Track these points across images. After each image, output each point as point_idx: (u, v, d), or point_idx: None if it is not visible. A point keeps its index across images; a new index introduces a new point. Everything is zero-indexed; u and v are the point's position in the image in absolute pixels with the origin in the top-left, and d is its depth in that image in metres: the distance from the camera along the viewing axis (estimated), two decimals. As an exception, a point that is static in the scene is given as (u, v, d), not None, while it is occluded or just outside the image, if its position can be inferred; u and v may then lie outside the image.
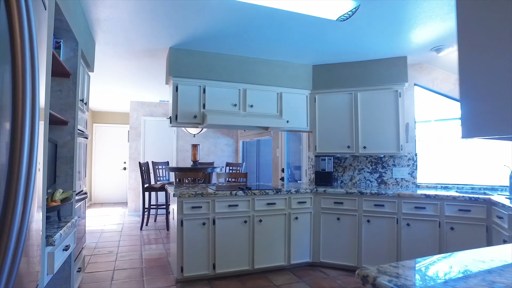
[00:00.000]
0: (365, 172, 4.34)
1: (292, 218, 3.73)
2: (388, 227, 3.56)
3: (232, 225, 3.47)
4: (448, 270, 1.12)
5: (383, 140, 3.94)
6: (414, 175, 4.13)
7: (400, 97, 3.88)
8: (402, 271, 1.11)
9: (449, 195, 3.35)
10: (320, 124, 4.23)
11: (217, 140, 7.92)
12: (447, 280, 1.03)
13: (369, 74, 4.02)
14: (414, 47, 3.59)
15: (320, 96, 4.25)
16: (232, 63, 3.93)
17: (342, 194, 3.74)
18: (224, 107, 3.87)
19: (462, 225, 3.30)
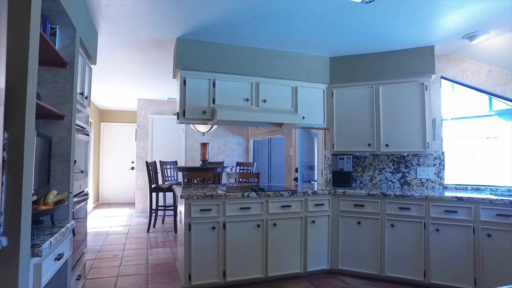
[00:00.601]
0: (387, 172, 4.02)
1: (308, 221, 3.44)
2: (415, 232, 3.24)
3: (244, 229, 3.20)
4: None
5: (407, 138, 3.62)
6: (441, 176, 3.80)
7: (426, 91, 3.55)
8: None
9: (485, 198, 3.02)
10: (338, 120, 3.93)
11: (227, 138, 7.66)
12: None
13: (392, 66, 3.70)
14: (444, 35, 3.26)
15: (338, 90, 3.95)
16: (244, 54, 3.66)
17: (363, 196, 3.44)
18: (235, 102, 3.61)
19: (502, 232, 2.97)
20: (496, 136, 9.04)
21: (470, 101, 10.14)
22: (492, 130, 12.28)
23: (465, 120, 9.74)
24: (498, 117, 12.73)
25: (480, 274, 3.01)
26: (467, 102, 4.25)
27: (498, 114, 12.89)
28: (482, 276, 3.01)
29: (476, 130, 10.63)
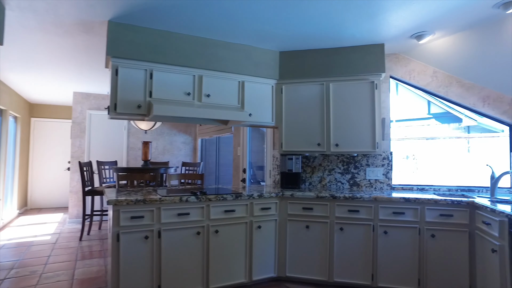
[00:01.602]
0: (336, 173, 3.91)
1: (254, 227, 3.19)
2: (364, 235, 3.13)
3: (182, 237, 2.86)
4: None
5: (357, 137, 3.51)
6: (389, 176, 3.76)
7: (377, 89, 3.48)
8: None
9: (430, 199, 2.98)
10: (287, 118, 3.73)
11: (173, 137, 7.21)
12: None
13: (343, 62, 3.58)
14: (394, 33, 3.19)
15: (287, 86, 3.75)
16: (186, 44, 3.32)
17: (312, 198, 3.26)
18: (175, 96, 3.25)
19: (444, 232, 2.95)
20: (434, 138, 9.55)
21: (412, 104, 10.62)
22: (430, 132, 13.08)
23: (407, 122, 10.17)
24: (435, 120, 13.57)
25: (424, 275, 2.97)
26: (409, 105, 4.29)
27: (436, 117, 13.78)
28: (426, 276, 2.97)
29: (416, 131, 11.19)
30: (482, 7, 2.74)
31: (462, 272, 2.89)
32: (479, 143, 8.20)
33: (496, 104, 3.49)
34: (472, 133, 12.03)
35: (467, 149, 8.18)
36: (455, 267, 2.90)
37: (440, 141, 8.66)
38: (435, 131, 12.91)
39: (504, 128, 3.67)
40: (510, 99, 3.46)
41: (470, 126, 11.69)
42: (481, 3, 2.65)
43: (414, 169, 7.00)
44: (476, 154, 7.65)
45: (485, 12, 2.82)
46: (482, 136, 8.58)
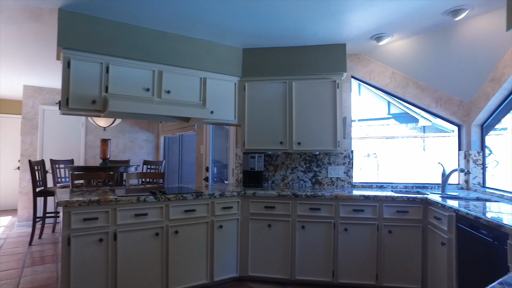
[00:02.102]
0: (299, 171, 3.94)
1: (215, 226, 3.13)
2: (325, 233, 3.17)
3: (139, 239, 2.74)
4: None
5: (319, 136, 3.55)
6: (350, 174, 3.84)
7: (338, 89, 3.53)
8: None
9: (388, 196, 3.08)
10: (250, 116, 3.70)
11: (134, 134, 6.95)
12: None
13: (306, 61, 3.60)
14: (355, 33, 3.25)
15: (250, 84, 3.71)
16: (145, 38, 3.18)
17: (274, 197, 3.26)
18: (133, 92, 3.11)
19: (400, 228, 3.05)
20: (394, 137, 9.95)
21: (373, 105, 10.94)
22: (390, 131, 13.57)
23: (368, 122, 10.49)
24: (394, 120, 14.12)
25: (381, 269, 3.06)
26: (370, 106, 4.41)
27: (395, 117, 14.32)
28: (383, 271, 3.06)
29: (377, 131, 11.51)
30: (433, 13, 2.86)
31: (415, 264, 3.01)
32: (433, 142, 8.65)
33: (447, 105, 3.67)
34: (427, 132, 12.68)
35: (422, 148, 8.60)
36: (409, 261, 3.02)
37: (398, 140, 9.04)
38: (394, 130, 13.46)
39: (454, 128, 3.88)
40: (458, 101, 3.65)
41: (425, 126, 12.31)
42: (433, 9, 2.77)
43: (375, 167, 7.24)
44: (430, 152, 8.06)
45: (437, 18, 2.94)
46: (436, 135, 9.07)
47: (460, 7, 2.72)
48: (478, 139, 3.60)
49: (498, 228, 1.92)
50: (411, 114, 12.27)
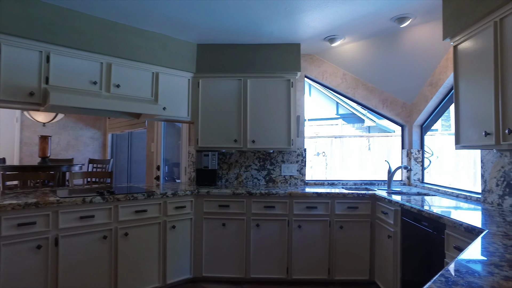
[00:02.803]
0: (253, 170, 3.94)
1: (168, 227, 3.01)
2: (279, 230, 3.20)
3: (85, 244, 2.54)
4: None
5: (274, 134, 3.58)
6: (303, 172, 3.93)
7: (292, 87, 3.58)
8: None
9: (339, 193, 3.19)
10: (204, 113, 3.62)
11: (79, 131, 6.49)
12: None
13: (261, 59, 3.61)
14: (310, 34, 3.31)
15: (204, 80, 3.63)
16: (94, 27, 2.96)
17: (229, 195, 3.22)
18: (79, 85, 2.88)
19: (350, 223, 3.18)
20: (341, 136, 10.36)
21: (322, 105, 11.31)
22: (338, 131, 14.12)
23: (318, 122, 10.84)
24: (342, 120, 14.70)
25: (333, 264, 3.17)
26: (320, 106, 4.55)
27: (343, 117, 14.93)
28: (334, 265, 3.17)
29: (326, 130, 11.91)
30: (382, 19, 3.01)
31: (364, 257, 3.16)
32: (377, 142, 9.14)
33: (392, 106, 3.90)
34: (371, 132, 13.42)
35: (368, 147, 9.09)
36: (359, 254, 3.16)
37: (346, 140, 9.45)
38: (342, 130, 14.06)
39: (395, 129, 4.14)
40: (402, 103, 3.90)
41: (370, 126, 13.03)
42: (381, 15, 2.91)
43: (324, 165, 7.50)
44: (375, 151, 8.52)
45: (385, 24, 3.11)
46: (380, 135, 9.62)
47: (404, 15, 2.90)
48: (418, 138, 3.88)
49: (437, 220, 2.07)
50: (357, 114, 12.95)
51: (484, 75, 2.14)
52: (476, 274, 1.00)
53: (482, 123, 2.15)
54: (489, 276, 0.99)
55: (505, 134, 1.93)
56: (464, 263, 1.10)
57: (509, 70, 1.92)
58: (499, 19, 2.01)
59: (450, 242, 1.95)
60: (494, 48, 2.04)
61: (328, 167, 7.60)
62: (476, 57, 2.22)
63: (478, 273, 1.01)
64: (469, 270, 1.04)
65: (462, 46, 2.39)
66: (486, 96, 2.10)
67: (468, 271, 1.02)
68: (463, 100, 2.37)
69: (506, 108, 1.93)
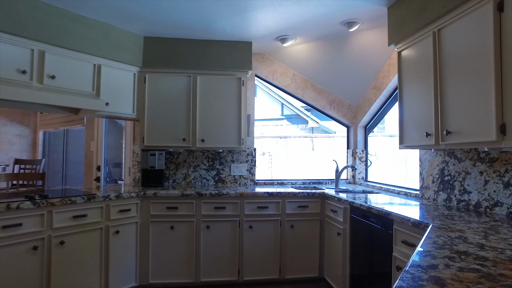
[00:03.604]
0: (201, 170, 3.82)
1: (111, 232, 2.78)
2: (230, 232, 3.13)
3: (8, 257, 2.23)
4: None
5: (224, 133, 3.50)
6: (253, 172, 3.90)
7: (243, 86, 3.54)
8: None
9: (290, 192, 3.22)
10: (150, 111, 3.41)
11: (2, 128, 5.77)
12: None
13: (212, 56, 3.51)
14: (262, 32, 3.29)
15: (152, 76, 3.43)
16: (24, 7, 2.61)
17: (177, 196, 3.07)
18: (4, 73, 2.52)
19: (301, 222, 3.22)
20: (286, 137, 10.58)
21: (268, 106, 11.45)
22: (283, 131, 14.37)
23: (264, 122, 10.94)
24: (287, 120, 15.00)
25: (284, 263, 3.18)
26: (265, 106, 4.57)
27: (287, 118, 15.24)
28: (285, 264, 3.19)
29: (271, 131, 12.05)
30: (332, 22, 3.10)
31: (313, 255, 3.22)
32: (320, 142, 9.48)
33: (339, 108, 4.05)
34: (315, 133, 13.90)
35: (311, 147, 9.41)
36: (309, 252, 3.21)
37: (291, 140, 9.68)
38: (286, 130, 14.37)
39: (338, 130, 4.32)
40: (348, 105, 4.07)
41: (313, 127, 13.52)
42: (332, 18, 2.99)
43: (269, 165, 7.59)
44: (318, 151, 8.84)
45: (335, 27, 3.21)
46: (322, 136, 10.00)
47: (353, 20, 3.01)
48: (363, 138, 4.07)
49: (386, 216, 2.17)
50: (301, 115, 13.37)
51: (424, 80, 2.29)
52: (437, 268, 1.04)
53: (423, 125, 2.30)
54: (447, 269, 1.02)
55: (443, 135, 2.08)
56: (422, 257, 1.14)
57: (446, 76, 2.07)
58: (437, 29, 2.16)
59: (398, 237, 2.04)
60: (433, 56, 2.19)
61: (273, 166, 7.71)
62: (417, 63, 2.37)
63: (437, 267, 1.05)
64: (429, 264, 1.07)
65: (405, 53, 2.54)
66: (427, 100, 2.25)
67: (429, 266, 1.05)
68: (407, 103, 2.52)
69: (444, 111, 2.08)
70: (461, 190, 2.38)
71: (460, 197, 2.38)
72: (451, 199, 2.46)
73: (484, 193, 2.18)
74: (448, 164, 2.50)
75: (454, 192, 2.44)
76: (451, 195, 2.47)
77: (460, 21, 1.96)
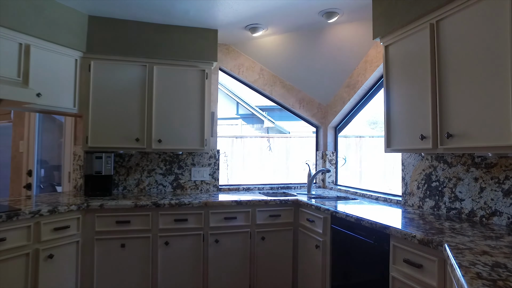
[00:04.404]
0: (157, 174, 3.32)
1: (42, 257, 2.20)
2: (193, 247, 2.69)
3: None
4: None
5: (185, 133, 3.05)
6: (216, 176, 3.48)
7: (207, 79, 3.11)
8: None
9: (261, 200, 2.87)
10: (96, 105, 2.85)
11: None
12: None
13: (173, 43, 3.02)
14: (230, 18, 2.88)
15: (98, 63, 2.86)
16: None
17: (129, 208, 2.57)
18: None
19: (273, 233, 2.89)
20: (243, 136, 10.24)
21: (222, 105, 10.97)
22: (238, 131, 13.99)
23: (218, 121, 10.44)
24: (242, 120, 14.65)
25: (254, 278, 2.83)
26: (219, 105, 4.20)
27: (243, 117, 14.91)
28: (256, 280, 2.83)
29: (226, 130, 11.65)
30: (310, 12, 2.80)
31: (286, 269, 2.89)
32: (277, 143, 9.25)
33: (308, 106, 3.79)
34: (271, 133, 13.71)
35: (268, 148, 9.17)
36: (281, 266, 2.88)
37: (247, 140, 9.36)
38: (242, 130, 14.03)
39: (292, 130, 4.10)
40: (318, 104, 3.83)
41: (269, 127, 13.32)
42: (311, 6, 2.69)
43: (225, 166, 7.19)
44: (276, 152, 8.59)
45: (312, 17, 2.91)
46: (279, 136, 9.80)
47: (333, 9, 2.74)
48: (333, 140, 3.86)
49: (382, 230, 1.90)
50: (257, 115, 13.12)
51: (419, 77, 2.07)
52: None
53: (416, 127, 2.07)
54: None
55: (443, 138, 1.86)
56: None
57: (447, 73, 1.86)
58: (435, 21, 1.94)
59: (397, 255, 1.78)
60: (430, 50, 1.97)
61: (229, 168, 7.33)
62: (410, 58, 2.15)
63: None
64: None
65: (394, 47, 2.31)
66: (422, 99, 2.03)
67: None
68: (396, 103, 2.29)
69: (445, 112, 1.87)
70: (451, 197, 2.20)
71: (450, 204, 2.21)
72: (440, 207, 2.28)
73: (480, 201, 2.00)
74: (437, 169, 2.32)
75: (444, 199, 2.26)
76: (440, 203, 2.28)
77: (466, 11, 1.74)
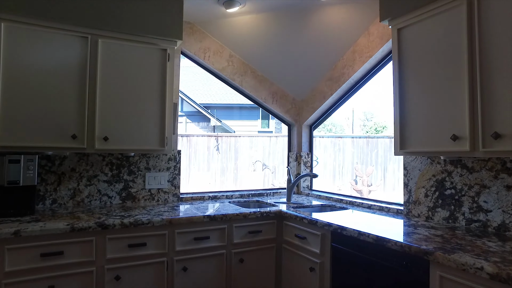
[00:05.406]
0: (101, 182, 2.56)
1: None
2: (154, 279, 2.04)
3: None
4: None
5: (139, 129, 2.36)
6: (177, 183, 2.83)
7: (169, 61, 2.45)
8: None
9: (239, 213, 2.32)
10: (10, 89, 2.02)
11: None
12: None
13: (126, 12, 2.29)
14: (201, -15, 2.29)
15: (13, 29, 2.03)
16: None
17: (62, 233, 1.83)
18: None
19: (252, 253, 2.36)
20: (189, 135, 9.47)
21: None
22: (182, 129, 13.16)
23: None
24: (187, 118, 13.83)
25: (229, 312, 2.27)
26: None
27: (187, 115, 14.04)
28: (231, 314, 2.28)
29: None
30: (299, -15, 2.33)
31: (268, 296, 2.39)
32: (225, 142, 8.69)
33: (282, 102, 3.34)
34: (217, 132, 13.05)
35: (216, 148, 8.59)
36: (262, 293, 2.37)
37: (194, 139, 8.65)
38: (187, 129, 13.15)
39: (236, 129, 3.66)
40: (292, 99, 3.39)
41: (215, 125, 12.65)
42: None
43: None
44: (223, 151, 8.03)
45: (300, -8, 2.44)
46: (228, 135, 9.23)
47: (328, -16, 2.30)
48: (307, 140, 3.45)
49: (418, 255, 1.49)
50: (203, 113, 12.40)
51: (448, 66, 1.71)
52: None
53: (446, 125, 1.72)
54: None
55: (487, 139, 1.52)
56: None
57: (492, 61, 1.52)
58: (475, -5, 1.60)
59: None
60: (467, 33, 1.62)
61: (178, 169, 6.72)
62: (437, 44, 1.78)
63: None
64: None
65: (411, 30, 1.94)
66: (454, 92, 1.68)
67: None
68: (413, 97, 1.91)
69: (490, 108, 1.52)
70: (473, 207, 1.89)
71: (471, 216, 1.90)
72: (457, 218, 1.97)
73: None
74: (452, 175, 2.01)
75: (462, 209, 1.95)
76: (457, 213, 1.97)
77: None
